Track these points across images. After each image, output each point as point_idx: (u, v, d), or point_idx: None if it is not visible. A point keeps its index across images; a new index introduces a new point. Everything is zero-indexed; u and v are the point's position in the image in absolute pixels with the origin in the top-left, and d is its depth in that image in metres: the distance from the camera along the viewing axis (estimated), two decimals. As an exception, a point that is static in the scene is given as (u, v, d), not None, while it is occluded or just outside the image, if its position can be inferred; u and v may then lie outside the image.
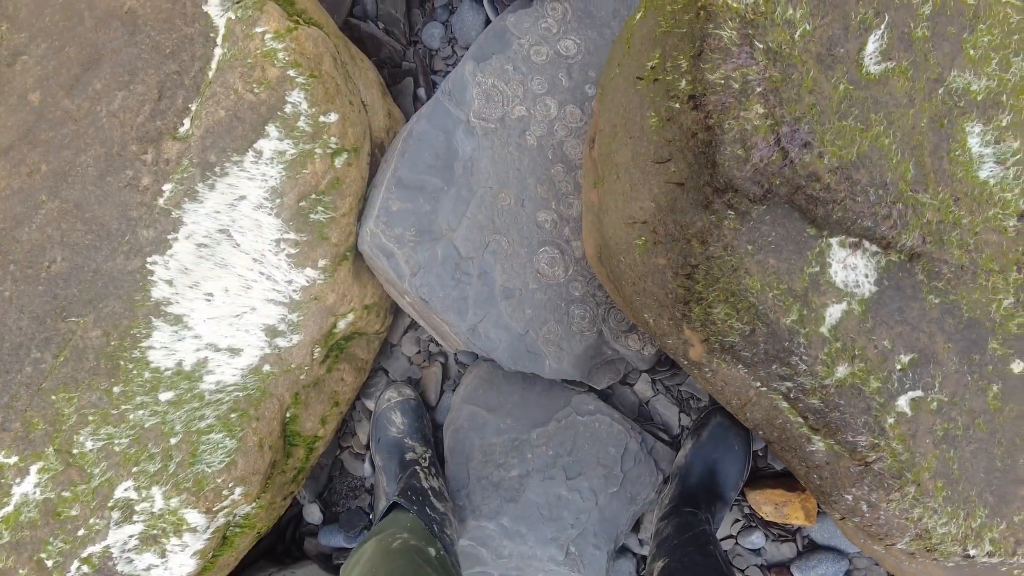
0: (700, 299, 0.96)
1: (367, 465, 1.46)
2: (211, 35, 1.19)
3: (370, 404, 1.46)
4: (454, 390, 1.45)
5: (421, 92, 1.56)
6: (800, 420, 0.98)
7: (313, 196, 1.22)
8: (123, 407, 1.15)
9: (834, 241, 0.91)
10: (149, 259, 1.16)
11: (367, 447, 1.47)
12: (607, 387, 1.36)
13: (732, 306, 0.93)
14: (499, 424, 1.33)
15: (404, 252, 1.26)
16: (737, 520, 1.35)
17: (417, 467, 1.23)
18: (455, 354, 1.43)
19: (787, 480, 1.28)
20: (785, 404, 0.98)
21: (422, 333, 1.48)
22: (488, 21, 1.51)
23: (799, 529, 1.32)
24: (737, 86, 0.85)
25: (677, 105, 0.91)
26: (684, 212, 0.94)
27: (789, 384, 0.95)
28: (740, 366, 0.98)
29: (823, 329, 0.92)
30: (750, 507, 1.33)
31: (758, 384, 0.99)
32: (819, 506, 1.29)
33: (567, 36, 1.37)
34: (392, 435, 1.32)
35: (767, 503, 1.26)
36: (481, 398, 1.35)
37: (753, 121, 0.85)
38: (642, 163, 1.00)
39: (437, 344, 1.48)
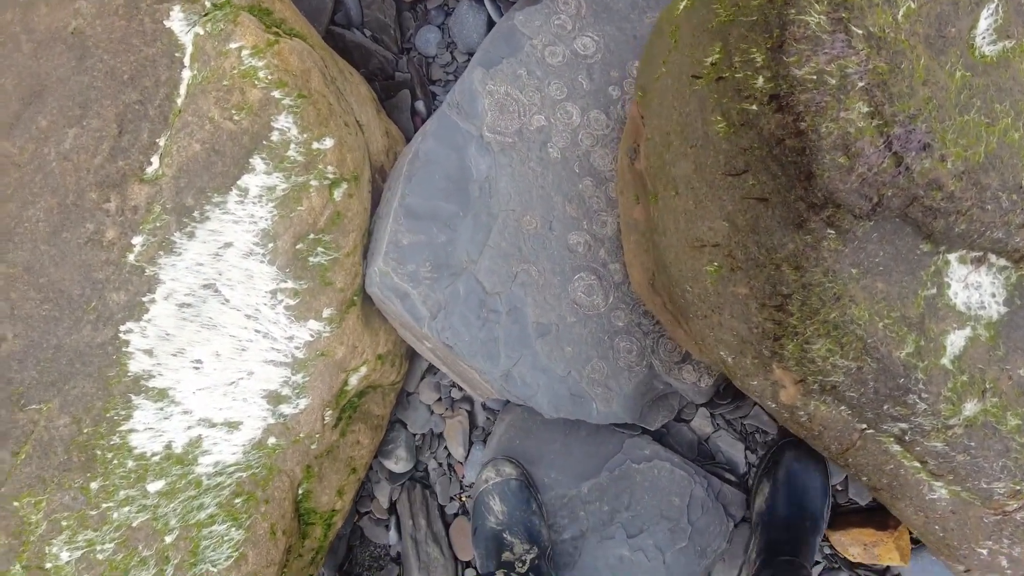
0: (795, 334, 0.83)
1: (392, 532, 1.32)
2: (177, 55, 1.04)
3: (389, 464, 1.32)
4: (484, 441, 1.32)
5: (420, 105, 1.42)
6: (917, 465, 0.86)
7: (311, 236, 1.08)
8: (104, 505, 0.99)
9: (953, 257, 0.79)
10: (122, 327, 1.00)
11: (389, 511, 1.33)
12: (661, 427, 1.23)
13: (835, 341, 0.81)
14: (542, 479, 1.20)
15: (420, 292, 1.12)
16: (818, 562, 1.24)
17: (512, 573, 1.05)
18: (482, 401, 1.29)
19: (874, 517, 1.17)
20: (898, 448, 0.86)
21: (442, 378, 1.34)
22: (491, 21, 1.38)
23: (887, 569, 1.21)
24: (834, 81, 0.73)
25: (754, 107, 0.79)
26: (770, 233, 0.81)
27: (904, 425, 0.84)
28: (843, 407, 0.86)
29: (945, 361, 0.80)
30: (832, 548, 1.22)
31: (864, 427, 0.87)
32: (913, 543, 1.18)
33: (583, 33, 1.24)
34: (490, 526, 1.12)
35: (854, 544, 1.15)
36: (518, 449, 1.21)
37: (857, 123, 0.73)
38: (709, 176, 0.87)
39: (460, 389, 1.34)
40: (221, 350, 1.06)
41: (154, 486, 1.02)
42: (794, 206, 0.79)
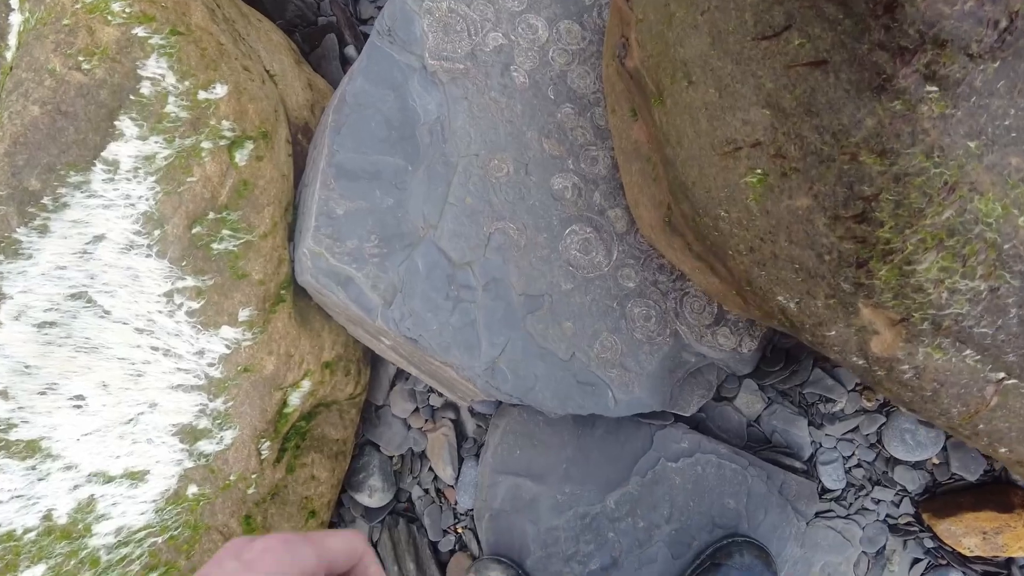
0: (888, 253, 0.58)
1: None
2: (-1, -6, 0.79)
3: (362, 498, 1.06)
4: (477, 456, 1.06)
5: (350, 51, 1.17)
6: (1083, 422, 0.61)
7: (212, 215, 0.83)
8: (-36, 608, 0.74)
9: (1119, 103, 0.53)
10: (-40, 364, 0.75)
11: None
12: (698, 410, 0.98)
13: (952, 254, 0.56)
14: (555, 496, 0.94)
15: (367, 273, 0.87)
16: (918, 559, 0.98)
17: None
18: (468, 406, 1.04)
19: (991, 495, 0.91)
20: (1053, 400, 0.61)
21: (417, 383, 1.09)
22: (422, -71, 1.12)
23: (1010, 562, 0.95)
24: None
25: (794, -79, 0.54)
26: (835, 109, 0.56)
27: (1062, 366, 0.58)
28: (968, 352, 0.61)
29: (1121, 262, 0.55)
30: (937, 539, 0.97)
31: (1002, 376, 0.61)
32: (1041, 522, 0.92)
33: (540, -78, 0.99)
34: None
35: (970, 532, 0.90)
36: (520, 462, 0.96)
37: (964, -98, 0.48)
38: (734, 47, 0.62)
39: (440, 394, 1.09)
40: (108, 379, 0.81)
41: (32, 573, 0.77)
42: (869, 60, 0.53)
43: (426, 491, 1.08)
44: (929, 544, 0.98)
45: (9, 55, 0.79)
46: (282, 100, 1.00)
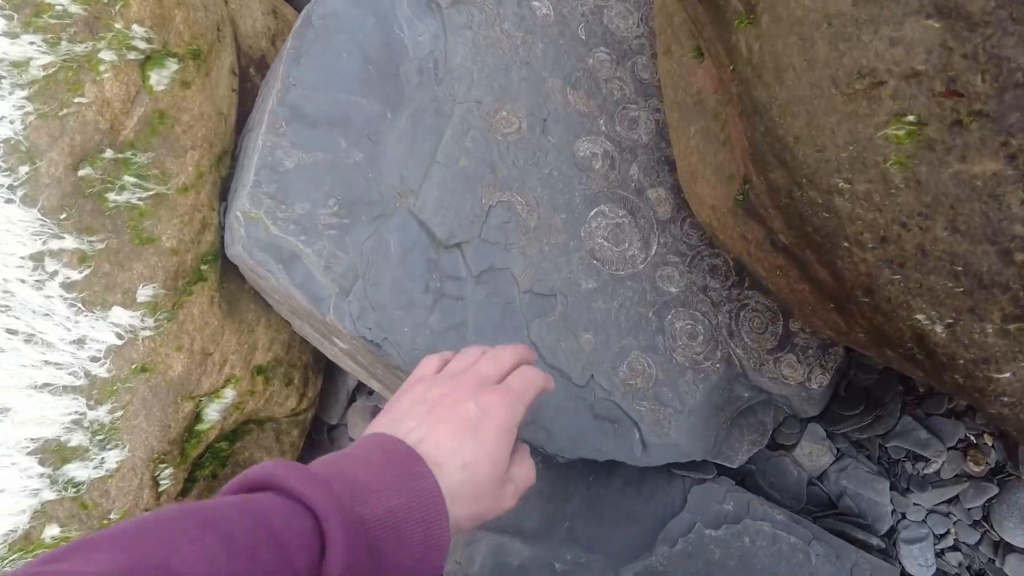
0: None
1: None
2: None
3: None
4: (454, 498, 0.83)
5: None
6: None
7: (109, 154, 0.61)
8: None
9: None
10: None
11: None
12: (747, 461, 0.75)
13: None
14: (553, 564, 0.71)
15: (320, 250, 0.65)
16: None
17: None
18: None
19: None
20: None
21: (383, 399, 0.86)
22: None
23: None
24: None
25: None
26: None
27: None
28: None
29: None
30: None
31: None
32: None
33: None
34: None
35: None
36: (508, 514, 0.72)
37: None
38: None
39: (412, 415, 0.86)
40: (-58, 370, 0.58)
41: None
42: None
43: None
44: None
45: None
46: (232, 21, 0.77)
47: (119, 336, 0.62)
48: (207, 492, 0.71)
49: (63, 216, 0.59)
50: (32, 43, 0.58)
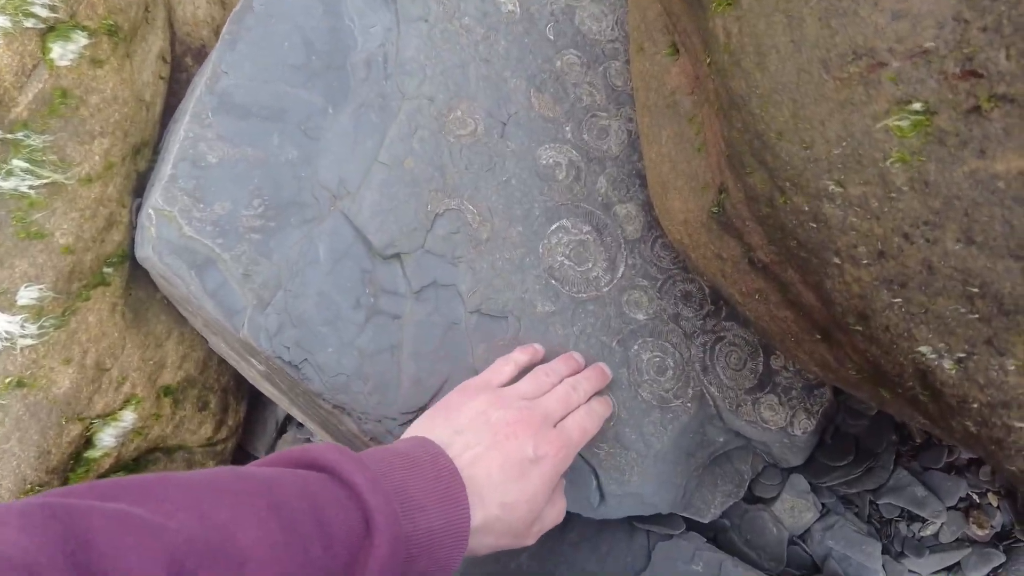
0: None
1: None
2: None
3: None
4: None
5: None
6: None
7: (-9, 131, 0.52)
8: None
9: None
10: None
11: None
12: (720, 516, 0.67)
13: None
14: (495, 628, 0.62)
15: (239, 255, 0.56)
16: None
17: None
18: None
19: None
20: None
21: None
22: None
23: None
24: None
25: None
26: None
27: None
28: None
29: None
30: None
31: None
32: None
33: None
34: None
35: None
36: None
37: None
38: None
39: (350, 450, 0.76)
40: None
41: None
42: None
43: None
44: None
45: None
46: (169, 4, 0.70)
47: (-7, 344, 0.53)
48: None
49: (-66, 202, 0.51)
50: (-89, 2, 0.51)
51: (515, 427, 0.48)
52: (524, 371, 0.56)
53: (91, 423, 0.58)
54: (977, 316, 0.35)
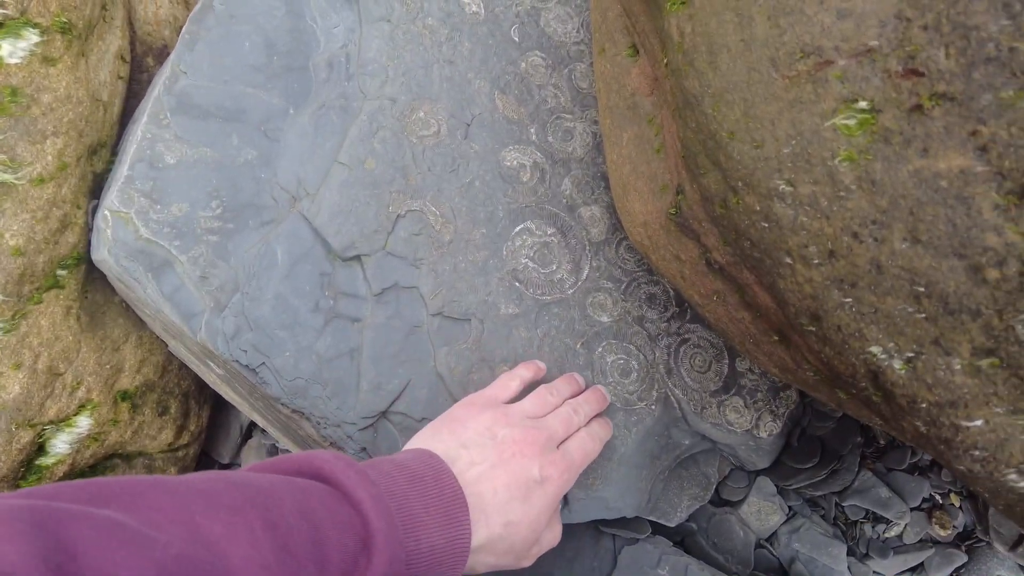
0: None
1: None
2: None
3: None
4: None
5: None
6: None
7: (-63, 130, 0.51)
8: None
9: None
10: None
11: None
12: (687, 519, 0.66)
13: None
14: (459, 635, 0.61)
15: (196, 257, 0.56)
16: None
17: None
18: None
19: None
20: None
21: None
22: None
23: None
24: None
25: None
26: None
27: None
28: None
29: None
30: None
31: None
32: None
33: None
34: None
35: None
36: None
37: None
38: None
39: (316, 455, 0.75)
40: None
41: None
42: None
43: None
44: None
45: None
46: (128, 2, 0.69)
47: (-61, 349, 0.52)
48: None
49: None
50: None
51: (521, 446, 0.49)
52: (528, 388, 0.56)
53: (43, 429, 0.57)
54: (924, 316, 0.35)
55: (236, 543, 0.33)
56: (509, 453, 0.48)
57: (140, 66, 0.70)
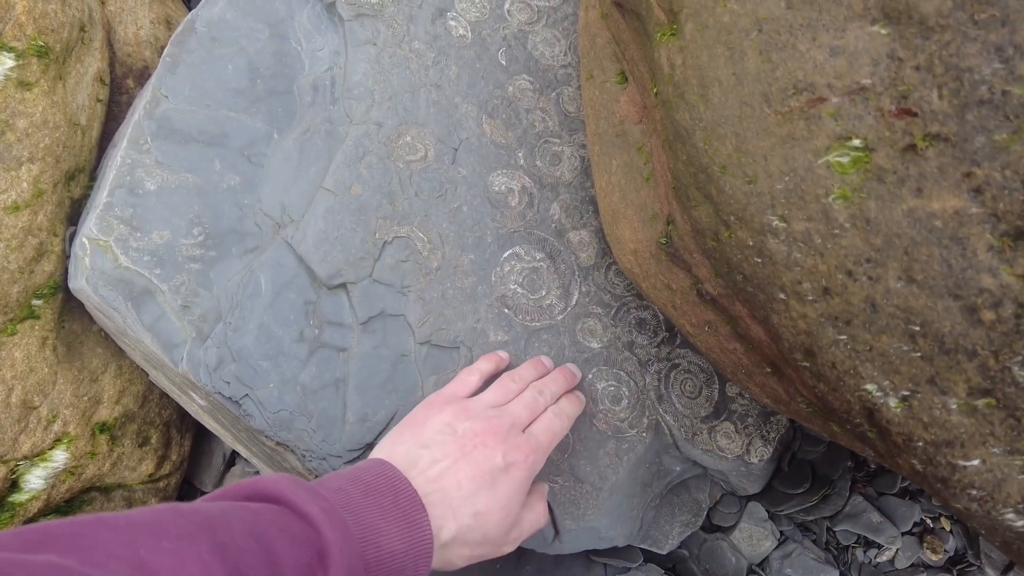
0: None
1: None
2: None
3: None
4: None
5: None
6: None
7: (-93, 159, 0.50)
8: None
9: None
10: None
11: None
12: (678, 546, 0.66)
13: None
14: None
15: (177, 286, 0.54)
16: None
17: None
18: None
19: None
20: None
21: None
22: None
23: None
24: None
25: None
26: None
27: None
28: None
29: None
30: None
31: None
32: None
33: None
34: None
35: None
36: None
37: None
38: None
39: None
40: None
41: None
42: None
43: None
44: None
45: None
46: (108, 24, 0.68)
47: (-91, 384, 0.50)
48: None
49: None
50: None
51: (483, 437, 0.48)
52: (490, 380, 0.56)
53: (16, 465, 0.55)
54: (920, 355, 0.35)
55: (184, 571, 0.32)
56: (471, 445, 0.48)
57: (120, 88, 0.69)
